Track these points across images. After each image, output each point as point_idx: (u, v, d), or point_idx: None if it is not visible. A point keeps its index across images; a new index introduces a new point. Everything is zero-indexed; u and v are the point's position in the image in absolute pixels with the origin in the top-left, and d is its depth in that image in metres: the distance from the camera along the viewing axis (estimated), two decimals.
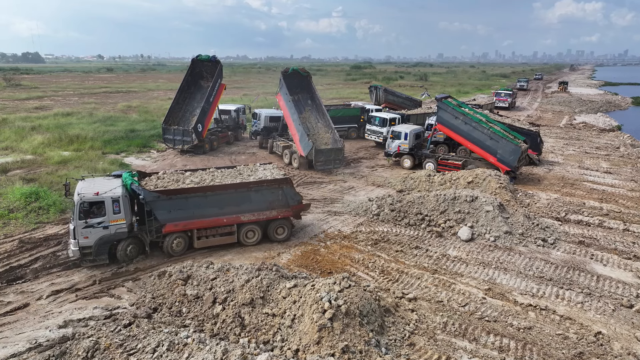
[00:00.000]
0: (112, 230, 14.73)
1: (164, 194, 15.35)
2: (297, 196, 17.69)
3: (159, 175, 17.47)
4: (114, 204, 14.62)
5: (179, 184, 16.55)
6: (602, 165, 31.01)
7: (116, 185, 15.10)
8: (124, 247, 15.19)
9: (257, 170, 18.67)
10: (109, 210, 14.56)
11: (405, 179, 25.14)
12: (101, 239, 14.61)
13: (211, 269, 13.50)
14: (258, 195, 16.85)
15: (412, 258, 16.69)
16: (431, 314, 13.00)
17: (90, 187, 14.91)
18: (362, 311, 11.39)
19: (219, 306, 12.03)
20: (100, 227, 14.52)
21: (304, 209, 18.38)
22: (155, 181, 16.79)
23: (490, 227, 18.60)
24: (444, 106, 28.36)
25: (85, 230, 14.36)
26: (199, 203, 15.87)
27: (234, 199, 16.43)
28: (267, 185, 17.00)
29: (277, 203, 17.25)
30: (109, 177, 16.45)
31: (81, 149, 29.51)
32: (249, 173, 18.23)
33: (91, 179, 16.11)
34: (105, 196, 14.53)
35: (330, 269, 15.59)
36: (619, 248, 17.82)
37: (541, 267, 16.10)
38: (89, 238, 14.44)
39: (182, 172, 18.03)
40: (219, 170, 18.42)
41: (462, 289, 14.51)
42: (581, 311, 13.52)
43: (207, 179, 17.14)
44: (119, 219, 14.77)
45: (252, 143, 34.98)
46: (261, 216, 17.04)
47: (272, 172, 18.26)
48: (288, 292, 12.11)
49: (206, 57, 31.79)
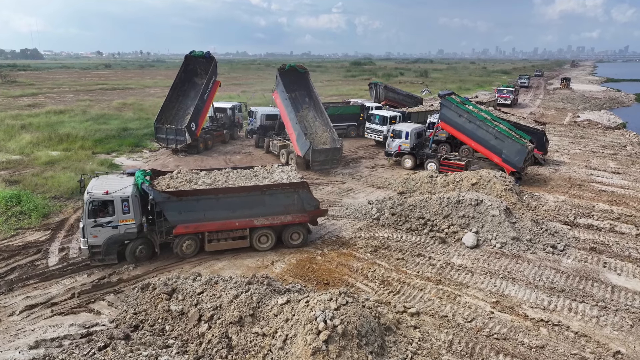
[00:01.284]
0: (121, 230, 14.51)
1: (174, 195, 14.83)
2: (314, 201, 16.74)
3: (173, 174, 16.80)
4: (123, 203, 14.34)
5: (192, 184, 15.89)
6: (609, 165, 30.00)
7: (127, 185, 14.81)
8: (133, 248, 14.91)
9: (275, 172, 17.74)
10: (118, 210, 14.31)
11: (407, 180, 24.13)
12: (110, 238, 14.42)
13: (198, 282, 12.53)
14: (272, 199, 16.01)
15: (414, 267, 15.71)
16: (435, 330, 12.03)
17: (101, 186, 14.72)
18: (361, 331, 10.40)
19: (205, 324, 11.06)
20: (109, 227, 14.33)
21: (321, 215, 17.43)
22: (167, 181, 16.11)
23: (496, 232, 17.61)
24: (447, 103, 27.32)
25: (95, 229, 14.20)
26: (211, 205, 15.30)
27: (247, 202, 15.73)
28: (281, 189, 16.11)
29: (292, 208, 16.36)
30: (123, 175, 16.12)
31: (71, 148, 28.52)
32: (264, 175, 17.35)
33: (105, 177, 15.92)
34: (115, 195, 14.26)
35: (327, 280, 14.62)
36: (633, 255, 16.85)
37: (552, 277, 15.13)
38: (98, 237, 14.29)
39: (196, 171, 17.29)
40: (235, 170, 17.58)
41: (468, 301, 13.53)
42: (597, 327, 12.55)
43: (221, 180, 16.42)
44: (128, 219, 14.50)
45: (248, 142, 33.94)
46: (275, 221, 16.20)
47: (289, 175, 17.34)
48: (280, 309, 11.13)
49: (200, 54, 30.73)
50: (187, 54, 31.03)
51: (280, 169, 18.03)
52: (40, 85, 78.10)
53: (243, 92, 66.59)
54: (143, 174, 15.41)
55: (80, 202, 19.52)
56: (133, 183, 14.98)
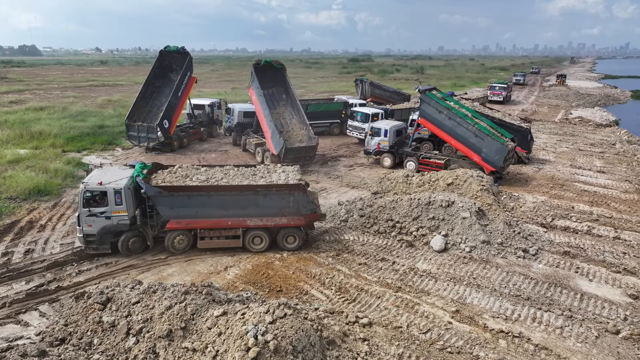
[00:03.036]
0: (114, 221, 14.75)
1: (166, 189, 14.80)
2: (311, 205, 15.96)
3: (173, 169, 16.67)
4: (116, 195, 14.55)
5: (187, 180, 15.68)
6: (595, 164, 29.18)
7: (123, 177, 15.02)
8: (125, 240, 15.06)
9: (276, 171, 17.06)
10: (111, 201, 14.55)
11: (382, 179, 23.34)
12: (104, 228, 14.69)
13: (136, 291, 11.75)
14: (266, 200, 15.49)
15: (376, 272, 14.94)
16: (386, 343, 11.26)
17: (100, 176, 15.09)
18: (297, 346, 9.63)
19: (133, 338, 10.30)
20: (102, 217, 14.59)
21: (318, 219, 16.70)
22: (164, 175, 16.01)
23: (466, 235, 16.83)
24: (427, 99, 26.45)
25: (89, 219, 14.51)
26: (203, 202, 15.11)
27: (240, 202, 15.36)
28: (276, 190, 15.45)
29: (287, 210, 15.73)
30: (124, 167, 16.37)
31: (41, 146, 27.72)
32: (262, 174, 16.69)
33: (108, 168, 16.40)
34: (108, 187, 14.53)
35: (281, 287, 13.86)
36: (607, 260, 16.07)
37: (519, 284, 14.36)
38: (92, 226, 14.57)
39: (197, 167, 17.14)
40: (236, 168, 17.17)
41: (426, 310, 12.77)
42: (560, 338, 11.79)
43: (218, 178, 16.09)
44: (120, 210, 14.70)
45: (226, 140, 33.10)
46: (269, 222, 15.74)
47: (288, 176, 16.59)
48: (214, 322, 10.35)
49: (175, 49, 29.83)
50: (162, 49, 30.17)
51: (282, 169, 17.33)
52: (29, 81, 77.22)
53: (234, 89, 65.78)
54: (142, 167, 15.47)
55: (36, 203, 18.95)
56: (130, 175, 15.06)
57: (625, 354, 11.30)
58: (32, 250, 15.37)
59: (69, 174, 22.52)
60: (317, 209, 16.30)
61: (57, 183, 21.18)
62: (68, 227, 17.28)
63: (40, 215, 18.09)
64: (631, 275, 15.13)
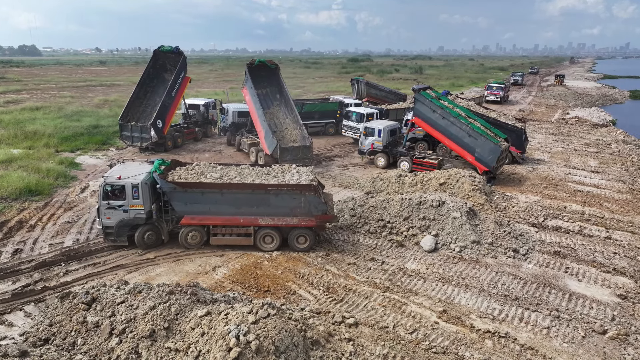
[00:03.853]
0: (131, 215, 15.32)
1: (180, 185, 15.24)
2: (322, 206, 15.84)
3: (190, 166, 17.00)
4: (133, 189, 15.08)
5: (201, 177, 16.02)
6: (590, 164, 29.15)
7: (142, 172, 15.58)
8: (141, 233, 15.56)
9: (290, 172, 17.04)
10: (128, 195, 15.11)
11: (375, 179, 23.30)
12: (121, 221, 15.27)
13: (122, 291, 11.70)
14: (278, 200, 15.57)
15: (365, 272, 14.91)
16: (371, 343, 11.22)
17: (120, 171, 15.75)
18: (279, 347, 9.60)
19: (116, 338, 10.26)
20: (120, 210, 15.21)
21: (330, 221, 16.60)
22: (181, 172, 16.36)
23: (456, 235, 16.81)
24: (421, 98, 26.42)
25: (108, 211, 15.19)
26: (215, 199, 15.44)
27: (252, 200, 15.57)
28: (287, 190, 15.48)
29: (298, 210, 15.73)
30: (145, 163, 16.90)
31: (34, 146, 27.68)
32: (275, 174, 16.72)
33: (129, 163, 17.09)
34: (126, 181, 15.08)
35: (268, 287, 13.82)
36: (597, 260, 16.04)
37: (508, 284, 14.33)
38: (111, 219, 15.24)
39: (214, 165, 17.44)
40: (251, 167, 17.34)
41: (413, 310, 12.74)
42: (546, 339, 11.76)
43: (232, 176, 16.26)
44: (137, 204, 15.25)
45: (221, 140, 33.06)
46: (280, 222, 15.79)
47: (301, 176, 16.52)
48: (198, 322, 10.31)
49: (169, 49, 29.81)
50: (156, 49, 30.14)
51: (296, 170, 17.31)
52: (27, 81, 77.17)
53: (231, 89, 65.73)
54: (160, 163, 16.02)
55: (27, 203, 18.93)
56: (149, 171, 15.58)
57: (611, 354, 11.27)
58: (21, 250, 15.34)
59: (60, 174, 22.50)
60: (328, 210, 16.22)
61: (49, 183, 21.16)
62: (58, 227, 17.26)
63: (30, 215, 18.06)
64: (621, 275, 15.10)
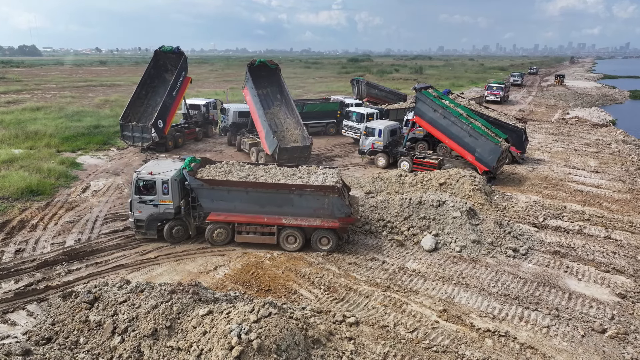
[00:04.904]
0: (160, 209, 15.97)
1: (207, 182, 15.64)
2: (345, 208, 15.73)
3: (219, 164, 17.47)
4: (163, 185, 15.75)
5: (229, 175, 16.44)
6: (589, 164, 29.21)
7: (172, 169, 16.32)
8: (169, 227, 16.19)
9: (316, 173, 17.17)
10: (158, 190, 15.78)
11: (375, 179, 23.37)
12: (151, 215, 15.97)
13: (124, 290, 11.77)
14: (301, 200, 15.68)
15: (366, 272, 14.97)
16: (372, 342, 11.29)
17: (152, 167, 16.57)
18: (281, 345, 9.67)
19: (118, 337, 10.33)
20: (151, 205, 15.87)
21: (353, 224, 16.63)
22: (209, 170, 16.85)
23: (456, 235, 16.87)
24: (422, 97, 26.46)
25: (139, 205, 15.87)
26: (240, 197, 15.77)
27: (275, 200, 15.76)
28: (310, 191, 15.53)
29: (322, 211, 15.76)
30: (176, 160, 17.69)
31: (36, 146, 27.75)
32: (301, 175, 16.88)
33: (162, 160, 17.94)
34: (157, 177, 15.76)
35: (269, 286, 13.89)
36: (597, 259, 16.10)
37: (508, 283, 14.40)
38: (142, 213, 15.93)
39: (243, 164, 17.88)
40: (278, 167, 17.61)
41: (414, 310, 12.80)
42: (546, 337, 11.82)
43: (258, 175, 16.60)
44: (167, 199, 15.91)
45: (222, 140, 33.14)
46: (303, 222, 15.90)
47: (326, 177, 16.53)
48: (200, 321, 10.38)
49: (169, 49, 29.89)
50: (157, 49, 30.21)
51: (322, 171, 17.39)
52: (27, 81, 77.21)
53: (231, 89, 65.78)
54: (190, 160, 16.64)
55: (29, 203, 19.01)
56: (179, 168, 16.23)
57: (610, 352, 11.33)
58: (23, 249, 15.40)
59: (62, 174, 22.57)
60: (352, 213, 16.15)
61: (50, 183, 21.22)
62: (60, 226, 17.32)
63: (32, 215, 18.12)
64: (620, 274, 15.17)
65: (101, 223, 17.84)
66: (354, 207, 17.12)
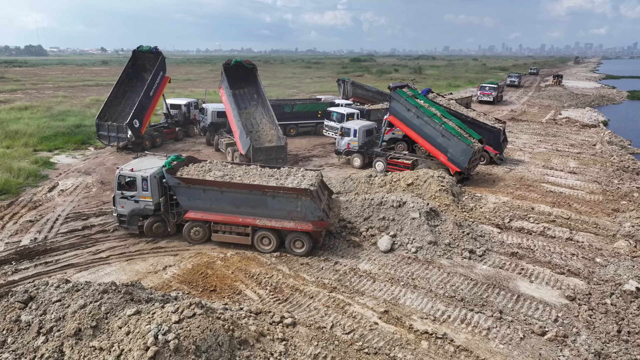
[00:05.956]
0: (141, 205, 16.41)
1: (183, 181, 15.93)
2: (318, 212, 15.53)
3: (203, 163, 17.73)
4: (143, 182, 16.11)
5: (208, 174, 16.61)
6: (569, 165, 28.96)
7: (155, 166, 16.61)
8: (149, 223, 16.60)
9: (295, 175, 17.01)
10: (139, 186, 16.18)
11: (346, 179, 23.26)
12: (133, 210, 16.43)
13: (60, 289, 11.75)
14: (274, 202, 15.68)
15: (316, 272, 14.90)
16: (305, 343, 11.21)
17: (136, 164, 17.01)
18: (201, 346, 9.63)
19: (42, 337, 10.32)
20: (132, 200, 16.34)
21: (326, 228, 16.23)
22: (190, 168, 17.08)
23: (414, 236, 16.76)
24: (397, 96, 26.32)
25: (122, 200, 16.40)
26: (215, 197, 15.96)
27: (249, 200, 15.84)
28: (283, 193, 15.50)
29: (295, 214, 15.68)
30: (162, 157, 17.91)
31: (13, 145, 27.88)
32: (278, 176, 16.83)
33: (149, 157, 18.30)
34: (137, 174, 16.16)
35: (215, 286, 13.85)
36: (554, 261, 15.95)
37: (457, 285, 14.27)
38: (124, 208, 16.44)
39: (225, 163, 18.16)
40: (259, 168, 17.71)
41: (355, 311, 12.72)
42: (484, 340, 11.71)
43: (236, 175, 16.73)
44: (146, 196, 16.29)
45: (202, 140, 33.16)
46: (276, 224, 15.88)
47: (303, 180, 16.34)
48: (126, 321, 10.34)
49: (147, 49, 29.94)
50: (134, 49, 30.27)
51: (302, 173, 17.22)
52: (25, 81, 77.76)
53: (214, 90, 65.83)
54: (174, 158, 16.94)
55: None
56: (161, 165, 16.44)
57: (546, 355, 11.21)
58: None
59: (31, 173, 22.66)
60: (325, 217, 15.83)
61: (18, 182, 21.31)
62: (18, 225, 17.39)
63: None
64: (575, 276, 15.02)
65: (61, 222, 17.87)
66: (334, 211, 16.97)
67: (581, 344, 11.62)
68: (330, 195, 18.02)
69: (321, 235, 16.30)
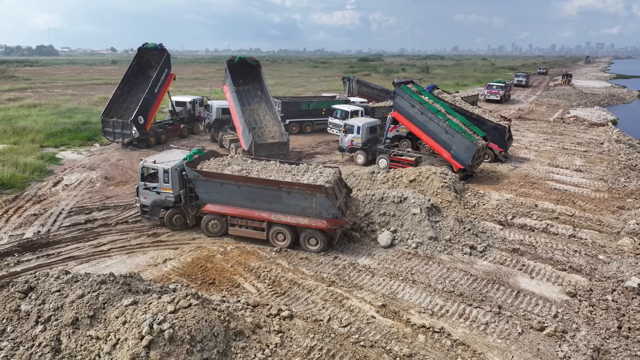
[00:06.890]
0: (162, 197, 16.80)
1: (201, 174, 16.18)
2: (333, 209, 15.37)
3: (224, 158, 18.01)
4: (164, 174, 16.51)
5: (226, 168, 16.82)
6: (575, 163, 28.68)
7: (177, 159, 17.00)
8: (169, 215, 17.02)
9: (313, 171, 17.01)
10: (160, 178, 16.57)
11: (348, 176, 23.22)
12: (154, 202, 16.86)
13: (60, 280, 11.87)
14: (290, 198, 15.65)
15: (315, 267, 14.91)
16: (301, 336, 11.22)
17: (160, 156, 17.52)
18: (196, 336, 9.67)
19: (40, 326, 10.43)
20: (154, 192, 16.74)
21: (340, 226, 15.88)
22: (210, 162, 17.35)
23: (414, 231, 16.70)
24: (401, 92, 26.18)
25: (145, 191, 16.82)
26: (232, 191, 16.10)
27: (265, 196, 15.88)
28: (298, 189, 15.46)
29: (309, 211, 15.61)
30: (186, 151, 18.28)
31: (21, 141, 28.19)
32: (295, 172, 16.82)
33: (174, 150, 18.70)
34: (159, 166, 16.55)
35: (214, 279, 13.91)
36: (555, 257, 15.81)
37: (457, 280, 14.20)
38: (147, 199, 16.87)
39: (245, 158, 18.41)
40: (281, 164, 17.78)
41: (353, 304, 12.70)
42: (481, 335, 11.64)
43: (254, 170, 16.84)
44: (167, 188, 16.66)
45: (207, 136, 33.33)
46: (291, 220, 15.81)
47: (320, 176, 16.33)
48: (122, 311, 10.42)
49: (152, 46, 30.16)
50: (140, 46, 30.51)
51: (320, 170, 17.19)
52: (35, 80, 78.61)
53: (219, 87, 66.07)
54: (195, 152, 17.43)
55: None
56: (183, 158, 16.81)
57: (544, 350, 11.12)
58: None
59: (37, 168, 22.92)
60: (340, 215, 15.66)
61: (23, 177, 21.56)
62: (22, 219, 17.58)
63: None
64: (576, 273, 14.88)
65: (64, 216, 18.05)
66: (351, 210, 16.88)
67: (580, 339, 11.50)
68: (349, 194, 17.91)
69: (336, 233, 15.99)
